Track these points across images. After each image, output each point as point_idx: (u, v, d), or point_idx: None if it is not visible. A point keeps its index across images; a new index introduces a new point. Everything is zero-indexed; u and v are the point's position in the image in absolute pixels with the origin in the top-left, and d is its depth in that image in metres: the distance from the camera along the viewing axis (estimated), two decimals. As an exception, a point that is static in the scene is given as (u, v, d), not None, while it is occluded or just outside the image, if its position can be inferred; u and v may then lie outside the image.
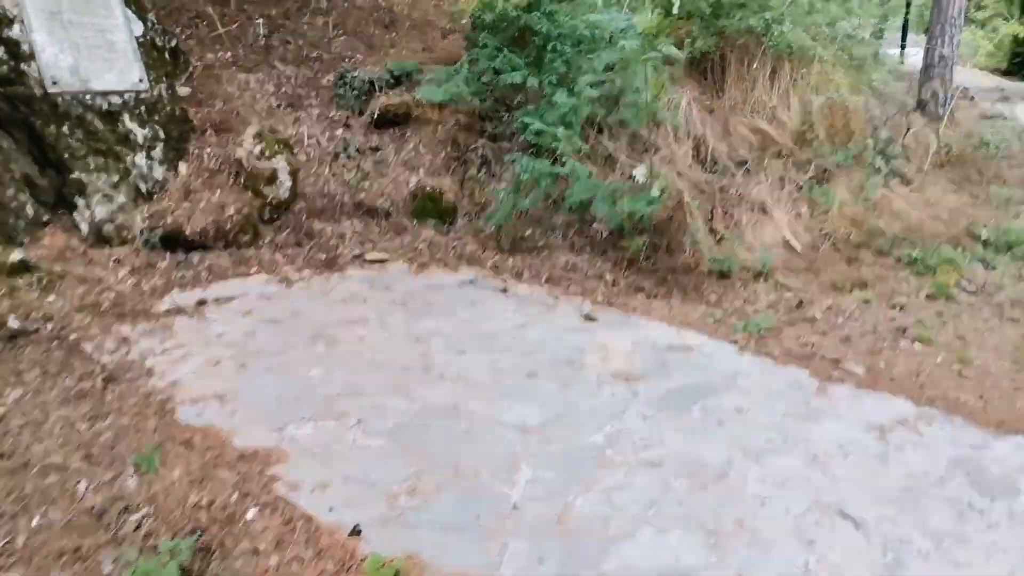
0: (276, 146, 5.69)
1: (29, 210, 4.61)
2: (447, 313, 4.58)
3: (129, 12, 5.02)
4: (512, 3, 5.41)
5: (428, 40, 7.69)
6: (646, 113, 5.12)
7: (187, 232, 5.07)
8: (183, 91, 5.80)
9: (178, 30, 6.26)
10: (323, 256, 5.33)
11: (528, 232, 5.79)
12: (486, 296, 4.88)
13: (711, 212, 5.57)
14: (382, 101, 6.27)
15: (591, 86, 5.28)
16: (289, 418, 3.42)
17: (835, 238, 5.53)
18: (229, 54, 6.37)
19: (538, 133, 5.21)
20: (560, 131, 5.20)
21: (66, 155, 4.75)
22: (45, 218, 4.77)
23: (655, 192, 4.80)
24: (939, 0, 9.59)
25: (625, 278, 5.27)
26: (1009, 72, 16.81)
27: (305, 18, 7.19)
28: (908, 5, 16.49)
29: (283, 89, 6.30)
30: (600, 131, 6.02)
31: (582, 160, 5.91)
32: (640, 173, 4.94)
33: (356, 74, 6.39)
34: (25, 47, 4.41)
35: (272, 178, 5.56)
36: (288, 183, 5.66)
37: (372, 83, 6.38)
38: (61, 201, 4.84)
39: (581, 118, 5.51)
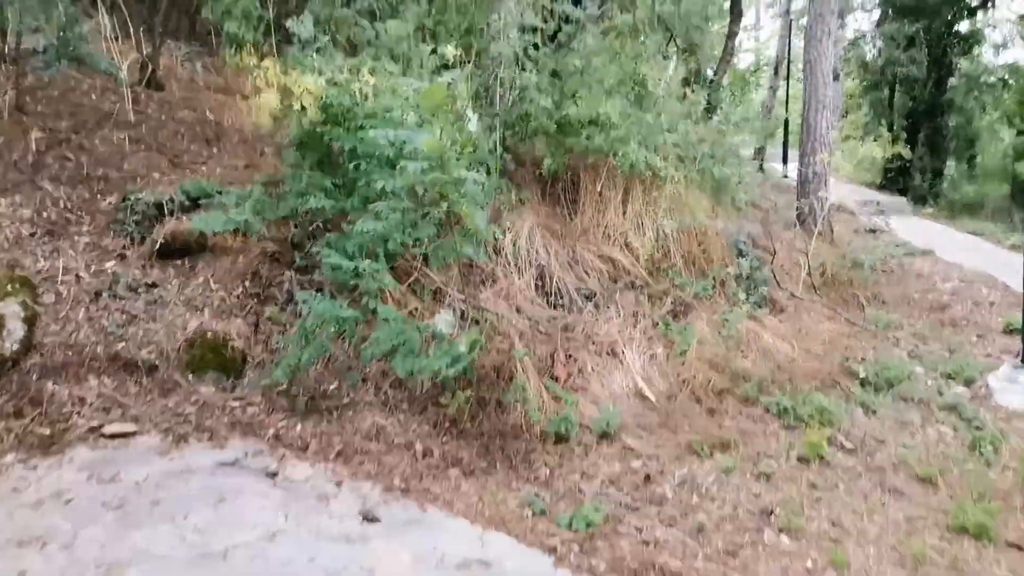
0: (10, 286, 4.51)
1: None
2: (176, 519, 3.37)
3: None
4: (309, 119, 4.59)
5: (255, 156, 6.81)
6: (452, 248, 4.27)
7: None
8: None
9: (-90, 145, 5.14)
10: (45, 431, 4.05)
11: (333, 386, 4.73)
12: (245, 485, 3.70)
13: (551, 357, 4.67)
14: (169, 227, 5.22)
15: (400, 212, 4.41)
16: None
17: (694, 385, 4.71)
18: (-18, 173, 5.26)
19: (335, 268, 4.26)
20: (365, 264, 4.26)
21: None
22: None
23: (462, 348, 3.86)
24: (808, 120, 9.64)
25: (442, 445, 4.23)
26: (883, 186, 17.56)
27: (103, 131, 6.20)
28: (787, 123, 17.19)
29: (45, 214, 5.19)
30: (426, 260, 5.14)
31: (404, 297, 5.00)
32: (443, 322, 4.02)
33: (141, 196, 5.36)
34: None
35: (-6, 328, 4.35)
36: (19, 333, 4.43)
37: (161, 206, 5.35)
38: None
39: (395, 248, 4.60)
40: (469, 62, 6.76)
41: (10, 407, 4.18)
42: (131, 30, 7.08)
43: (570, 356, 4.75)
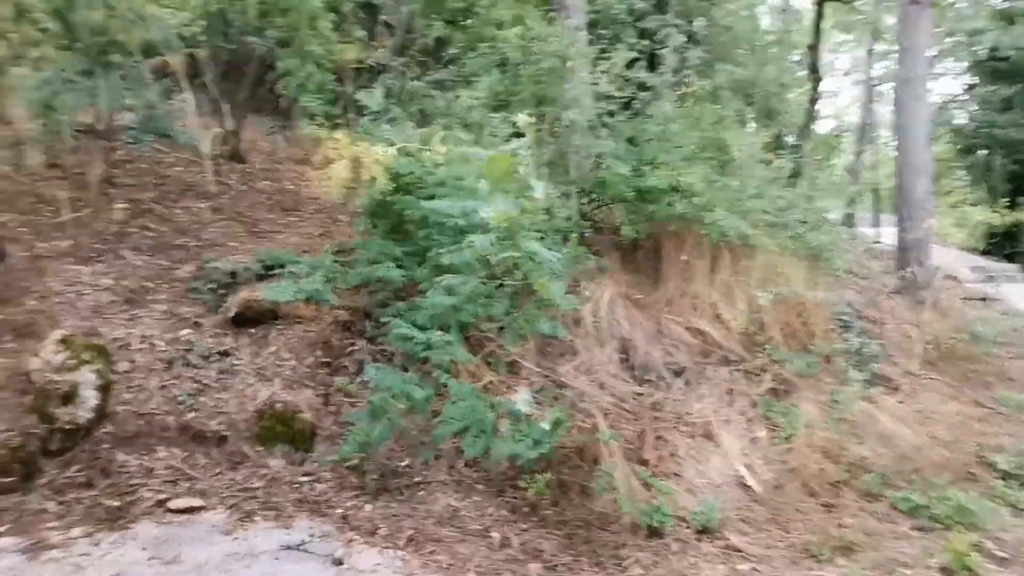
0: (86, 354, 4.47)
1: None
2: (233, 611, 3.09)
3: None
4: (379, 188, 4.49)
5: (330, 225, 6.82)
6: (528, 322, 3.98)
7: (-89, 478, 3.70)
8: (-16, 288, 4.72)
9: (7, 218, 5.32)
10: (114, 503, 3.90)
11: (404, 463, 4.43)
12: (308, 574, 3.40)
13: (640, 438, 4.24)
14: (243, 296, 5.17)
15: (472, 284, 4.18)
16: None
17: (805, 474, 4.16)
18: (70, 243, 5.39)
19: (404, 339, 4.03)
20: (434, 336, 4.02)
21: None
22: None
23: (544, 425, 3.50)
24: (903, 185, 9.08)
25: (521, 533, 3.83)
26: (987, 252, 16.36)
27: (185, 202, 6.35)
28: (875, 189, 16.47)
29: (124, 282, 5.23)
30: (503, 330, 4.86)
31: (478, 369, 4.71)
32: (523, 401, 3.67)
33: (217, 264, 5.36)
34: None
35: (70, 396, 4.27)
36: (93, 401, 4.36)
37: (235, 275, 5.33)
38: None
39: (468, 319, 4.35)
40: (542, 130, 6.68)
41: (81, 477, 4.07)
42: (218, 106, 7.37)
43: (660, 437, 4.31)
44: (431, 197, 4.57)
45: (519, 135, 6.03)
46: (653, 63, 8.77)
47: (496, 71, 7.40)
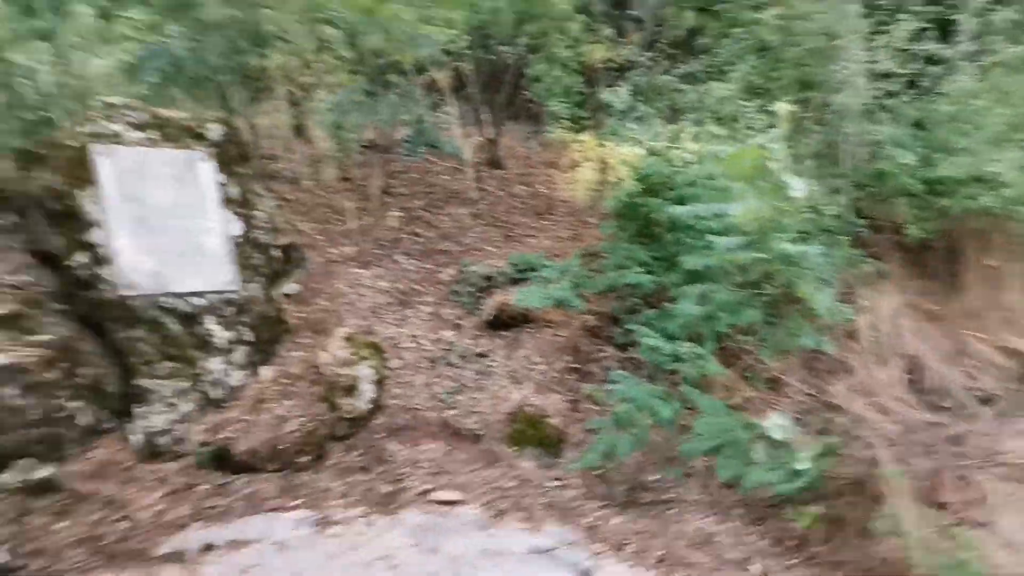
0: (365, 351, 5.01)
1: (84, 419, 4.30)
2: (487, 608, 3.20)
3: (228, 213, 4.86)
4: (626, 190, 4.37)
5: (580, 228, 6.88)
6: (789, 334, 3.56)
7: (236, 451, 4.42)
8: (291, 289, 5.49)
9: (308, 226, 6.16)
10: (386, 489, 4.31)
11: (653, 477, 4.28)
12: (556, 583, 3.41)
13: (935, 476, 3.61)
14: (498, 299, 5.41)
15: (726, 292, 3.87)
16: None
17: None
18: (356, 248, 6.09)
19: (652, 350, 3.87)
20: (684, 348, 3.81)
21: (135, 360, 4.47)
22: (106, 426, 4.43)
23: (804, 463, 3.10)
24: None
25: (786, 571, 3.47)
26: None
27: (449, 209, 6.84)
28: None
29: (397, 285, 5.77)
30: (762, 341, 4.47)
31: (733, 383, 4.39)
32: (776, 428, 3.29)
33: (474, 269, 5.68)
34: (103, 251, 4.31)
35: (352, 388, 4.82)
36: (370, 394, 4.88)
37: (490, 278, 5.59)
38: (126, 410, 4.52)
39: (724, 329, 4.05)
40: (806, 119, 6.04)
41: (360, 462, 4.55)
42: (479, 115, 7.82)
43: (962, 478, 3.61)
44: (680, 198, 4.35)
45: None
46: (946, 31, 7.50)
47: (752, 57, 6.87)
